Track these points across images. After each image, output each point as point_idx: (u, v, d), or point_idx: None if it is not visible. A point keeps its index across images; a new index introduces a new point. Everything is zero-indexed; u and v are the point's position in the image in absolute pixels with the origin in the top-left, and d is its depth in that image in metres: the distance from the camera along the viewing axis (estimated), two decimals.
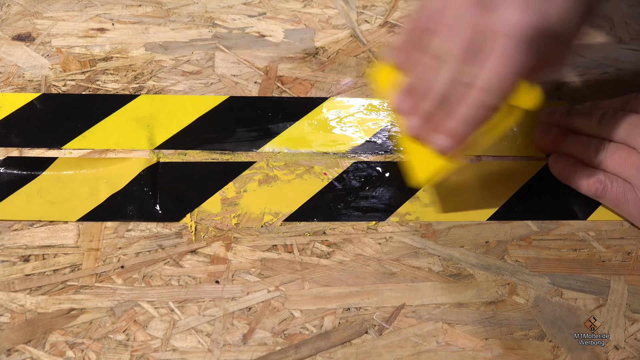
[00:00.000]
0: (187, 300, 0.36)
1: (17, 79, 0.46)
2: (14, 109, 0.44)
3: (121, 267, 0.37)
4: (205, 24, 0.50)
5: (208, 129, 0.44)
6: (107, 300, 0.36)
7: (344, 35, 0.50)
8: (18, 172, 0.41)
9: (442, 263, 0.38)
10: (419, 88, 0.36)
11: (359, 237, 0.39)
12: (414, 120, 0.36)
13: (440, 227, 0.40)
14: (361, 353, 0.35)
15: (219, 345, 0.35)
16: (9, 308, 0.36)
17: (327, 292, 0.37)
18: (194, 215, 0.40)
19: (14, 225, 0.39)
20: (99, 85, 0.46)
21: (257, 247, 0.39)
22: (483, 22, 0.32)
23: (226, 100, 0.45)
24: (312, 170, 0.42)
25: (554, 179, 0.42)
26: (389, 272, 0.38)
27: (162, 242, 0.38)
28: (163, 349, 0.35)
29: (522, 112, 0.34)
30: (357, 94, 0.46)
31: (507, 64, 0.32)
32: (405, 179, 0.42)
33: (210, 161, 0.42)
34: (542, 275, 0.38)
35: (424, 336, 0.36)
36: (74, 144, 0.42)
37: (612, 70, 0.48)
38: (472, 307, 0.37)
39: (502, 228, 0.40)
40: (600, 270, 0.38)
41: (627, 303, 0.37)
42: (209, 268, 0.38)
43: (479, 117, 0.34)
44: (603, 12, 0.52)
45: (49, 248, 0.38)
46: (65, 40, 0.48)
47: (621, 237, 0.40)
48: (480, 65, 0.33)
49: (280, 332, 0.35)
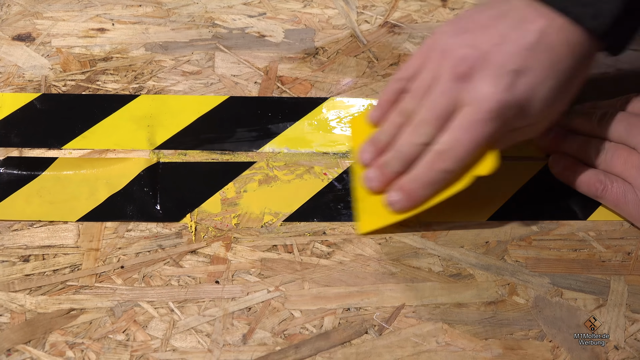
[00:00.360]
0: (187, 301, 0.36)
1: (17, 79, 0.46)
2: (14, 109, 0.44)
3: (121, 267, 0.37)
4: (205, 24, 0.50)
5: (208, 129, 0.44)
6: (107, 300, 0.36)
7: (344, 36, 0.50)
8: (18, 172, 0.41)
9: (442, 263, 0.38)
10: (382, 142, 0.37)
11: (359, 237, 0.39)
12: (372, 172, 0.38)
13: (440, 227, 0.40)
14: (361, 353, 0.35)
15: (218, 345, 0.35)
16: (8, 308, 0.36)
17: (327, 292, 0.37)
18: (194, 215, 0.40)
19: (13, 225, 0.39)
20: (99, 86, 0.46)
21: (257, 247, 0.38)
22: (456, 91, 0.34)
23: (226, 101, 0.45)
24: (312, 170, 0.42)
25: (554, 179, 0.42)
26: (389, 272, 0.38)
27: (162, 242, 0.38)
28: (163, 349, 0.35)
29: (475, 178, 0.35)
30: (357, 94, 0.46)
31: (470, 132, 0.33)
32: None
33: (210, 161, 0.42)
34: (542, 276, 0.38)
35: (424, 336, 0.36)
36: (73, 144, 0.42)
37: (612, 70, 0.48)
38: (472, 307, 0.37)
39: (502, 228, 0.40)
40: (600, 270, 0.38)
41: (627, 303, 0.37)
42: (208, 268, 0.38)
43: (434, 179, 0.35)
44: None
45: (49, 248, 0.38)
46: (65, 41, 0.48)
47: (621, 237, 0.40)
48: (444, 130, 0.34)
49: (280, 332, 0.35)
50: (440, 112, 0.34)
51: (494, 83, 0.33)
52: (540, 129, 0.37)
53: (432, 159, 0.35)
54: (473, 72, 0.33)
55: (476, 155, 0.34)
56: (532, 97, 0.34)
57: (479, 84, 0.33)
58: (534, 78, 0.33)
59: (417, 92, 0.36)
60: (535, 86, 0.33)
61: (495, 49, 0.33)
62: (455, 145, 0.34)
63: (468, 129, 0.33)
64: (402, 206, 0.36)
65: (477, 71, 0.33)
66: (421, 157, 0.35)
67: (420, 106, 0.35)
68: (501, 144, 0.36)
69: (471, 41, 0.34)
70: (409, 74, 0.37)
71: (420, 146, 0.35)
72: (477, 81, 0.33)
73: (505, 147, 0.37)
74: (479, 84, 0.33)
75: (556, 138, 0.42)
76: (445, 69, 0.34)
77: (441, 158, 0.34)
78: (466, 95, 0.33)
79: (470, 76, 0.33)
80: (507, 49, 0.33)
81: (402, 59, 0.49)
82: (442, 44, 0.35)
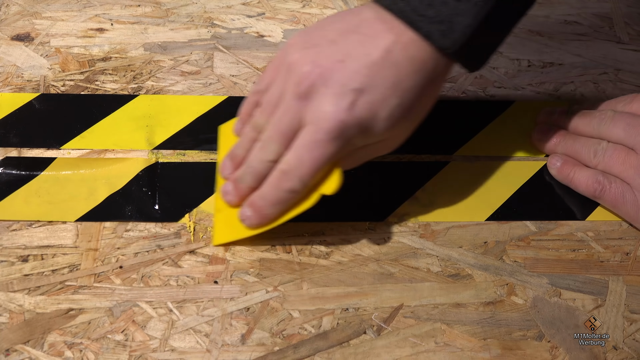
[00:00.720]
0: (186, 301, 0.36)
1: (15, 79, 0.46)
2: (12, 109, 0.44)
3: (120, 267, 0.37)
4: (204, 24, 0.50)
5: (207, 129, 0.43)
6: (105, 300, 0.36)
7: None
8: (17, 173, 0.41)
9: (440, 263, 0.38)
10: (239, 157, 0.37)
11: (358, 237, 0.39)
12: (229, 185, 0.37)
13: (438, 227, 0.40)
14: (359, 353, 0.35)
15: (217, 345, 0.35)
16: (7, 308, 0.36)
17: (326, 293, 0.37)
18: (192, 215, 0.40)
19: (12, 226, 0.39)
20: (98, 86, 0.46)
21: (256, 247, 0.39)
22: (298, 109, 0.33)
23: (225, 101, 0.45)
24: None
25: (552, 179, 0.42)
26: (387, 272, 0.38)
27: (161, 242, 0.38)
28: (161, 349, 0.35)
29: (320, 196, 0.35)
30: None
31: (312, 152, 0.33)
32: (404, 181, 0.42)
33: (209, 161, 0.42)
34: (540, 276, 0.38)
35: (423, 336, 0.36)
36: (72, 144, 0.42)
37: (611, 70, 0.48)
38: (471, 308, 0.37)
39: (501, 228, 0.40)
40: (599, 270, 0.38)
41: (625, 303, 0.37)
42: (207, 268, 0.38)
43: (280, 199, 0.35)
44: (602, 11, 0.52)
45: (48, 248, 0.38)
46: (64, 41, 0.48)
47: (620, 237, 0.40)
48: (289, 149, 0.34)
49: (279, 332, 0.35)
50: (284, 129, 0.34)
51: (335, 102, 0.32)
52: (392, 146, 0.36)
53: (277, 177, 0.34)
54: (314, 91, 0.32)
55: (322, 173, 0.34)
56: (375, 117, 0.32)
57: (320, 102, 0.32)
58: (376, 96, 0.32)
59: (266, 107, 0.35)
60: (378, 105, 0.32)
61: (338, 67, 0.32)
62: (298, 165, 0.33)
63: (310, 148, 0.33)
64: (252, 223, 0.36)
65: (318, 89, 0.32)
66: (268, 174, 0.35)
67: (268, 122, 0.35)
68: (350, 161, 0.35)
69: (315, 57, 0.33)
70: (263, 87, 0.36)
71: (268, 163, 0.35)
72: (318, 100, 0.32)
73: (357, 164, 0.36)
74: (319, 102, 0.32)
75: (555, 138, 0.42)
76: (289, 86, 0.33)
77: (286, 177, 0.34)
78: (308, 113, 0.33)
79: (312, 94, 0.32)
80: (350, 66, 0.32)
81: None
82: (289, 58, 0.34)
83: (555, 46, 0.50)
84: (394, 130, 0.34)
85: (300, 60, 0.33)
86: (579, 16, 0.52)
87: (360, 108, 0.32)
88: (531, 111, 0.45)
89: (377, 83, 0.32)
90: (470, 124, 0.45)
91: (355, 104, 0.32)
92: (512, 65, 0.48)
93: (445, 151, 0.43)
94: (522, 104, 0.46)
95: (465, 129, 0.44)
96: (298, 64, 0.33)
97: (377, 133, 0.33)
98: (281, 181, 0.34)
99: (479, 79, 0.47)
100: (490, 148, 0.43)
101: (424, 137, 0.44)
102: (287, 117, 0.33)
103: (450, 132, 0.44)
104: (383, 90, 0.32)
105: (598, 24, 0.51)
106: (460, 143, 0.44)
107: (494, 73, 0.48)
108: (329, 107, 0.32)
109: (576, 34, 0.51)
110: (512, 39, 0.50)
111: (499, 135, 0.44)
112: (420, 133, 0.45)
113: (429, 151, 0.43)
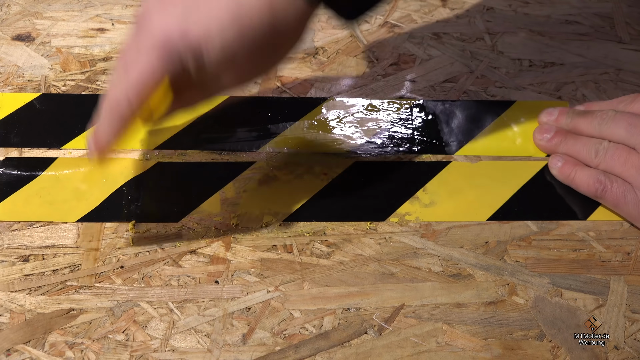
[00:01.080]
0: (187, 301, 0.36)
1: (16, 79, 0.46)
2: (13, 109, 0.44)
3: (121, 267, 0.37)
4: None
5: (208, 129, 0.44)
6: (106, 300, 0.36)
7: (343, 35, 0.50)
8: (17, 173, 0.41)
9: (441, 263, 0.38)
10: None
11: (359, 237, 0.39)
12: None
13: (439, 227, 0.40)
14: (361, 353, 0.35)
15: (218, 345, 0.35)
16: (8, 308, 0.36)
17: (327, 292, 0.37)
18: (193, 215, 0.40)
19: (13, 226, 0.39)
20: (99, 86, 0.46)
21: (257, 247, 0.38)
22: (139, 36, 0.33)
23: (226, 100, 0.45)
24: (312, 170, 0.42)
25: (553, 179, 0.42)
26: (388, 272, 0.38)
27: (162, 242, 0.38)
28: (162, 349, 0.34)
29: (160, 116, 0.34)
30: (357, 94, 0.46)
31: (143, 69, 0.32)
32: (405, 180, 0.42)
33: (210, 161, 0.42)
34: (541, 276, 0.38)
35: (424, 336, 0.36)
36: (73, 144, 0.42)
37: (612, 70, 0.48)
38: (472, 308, 0.37)
39: (502, 228, 0.40)
40: (600, 270, 0.38)
41: (626, 303, 0.37)
42: (208, 268, 0.38)
43: (112, 121, 0.33)
44: (603, 11, 0.52)
45: (49, 248, 0.38)
46: (65, 40, 0.48)
47: (621, 237, 0.40)
48: (127, 72, 0.33)
49: (280, 332, 0.35)
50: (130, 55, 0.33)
51: (165, 15, 0.32)
52: (234, 84, 0.35)
53: (109, 96, 0.33)
54: (154, 12, 0.32)
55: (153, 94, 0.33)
56: (208, 41, 0.31)
57: (153, 18, 0.32)
58: (212, 21, 0.31)
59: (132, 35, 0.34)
60: (213, 31, 0.31)
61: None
62: (131, 83, 0.32)
63: (143, 66, 0.32)
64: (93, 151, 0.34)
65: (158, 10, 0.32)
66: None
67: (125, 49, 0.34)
68: (195, 94, 0.35)
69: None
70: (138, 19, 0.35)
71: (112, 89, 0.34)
72: (152, 17, 0.32)
73: (196, 103, 0.36)
74: (152, 18, 0.32)
75: (556, 138, 0.42)
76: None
77: (116, 98, 0.33)
78: (147, 36, 0.32)
79: (152, 15, 0.32)
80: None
81: (402, 58, 0.49)
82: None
83: (556, 46, 0.50)
84: (233, 66, 0.33)
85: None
86: (580, 16, 0.52)
87: (193, 29, 0.31)
88: (532, 111, 0.45)
89: (214, 6, 0.31)
90: (471, 123, 0.45)
91: (187, 22, 0.31)
92: (513, 65, 0.48)
93: (446, 151, 0.43)
94: (523, 104, 0.46)
95: (466, 129, 0.44)
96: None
97: (212, 62, 0.32)
98: (111, 100, 0.33)
99: (480, 79, 0.47)
100: (491, 148, 0.43)
101: (425, 137, 0.44)
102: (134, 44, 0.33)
103: (452, 132, 0.44)
104: (219, 14, 0.31)
105: (599, 24, 0.51)
106: (462, 143, 0.44)
107: (495, 73, 0.48)
108: (158, 18, 0.32)
109: (577, 33, 0.51)
110: (513, 38, 0.50)
111: (500, 135, 0.44)
112: (420, 133, 0.45)
113: (430, 151, 0.43)
